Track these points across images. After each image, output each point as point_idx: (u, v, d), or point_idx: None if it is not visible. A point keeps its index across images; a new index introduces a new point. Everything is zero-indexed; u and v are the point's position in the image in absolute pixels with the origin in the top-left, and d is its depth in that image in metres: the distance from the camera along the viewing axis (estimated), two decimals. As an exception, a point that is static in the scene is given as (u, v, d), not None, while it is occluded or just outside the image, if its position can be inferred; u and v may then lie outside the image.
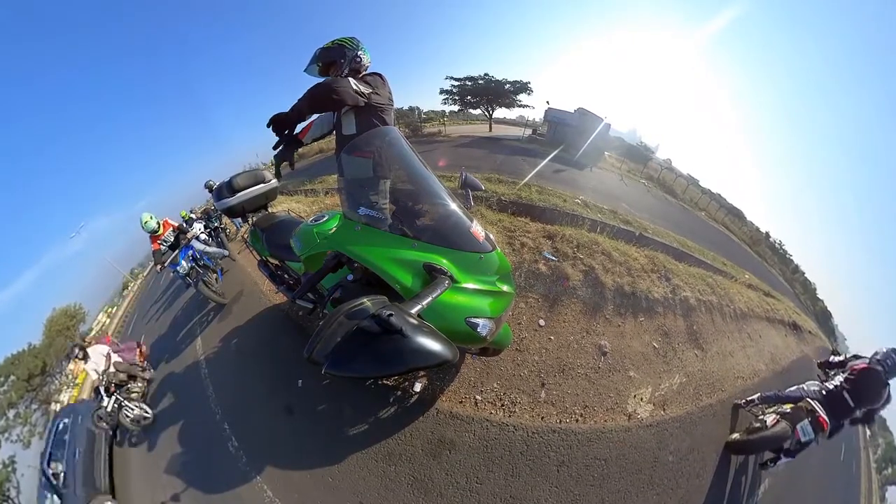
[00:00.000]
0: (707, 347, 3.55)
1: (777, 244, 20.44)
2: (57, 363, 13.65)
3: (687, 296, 3.85)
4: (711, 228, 13.43)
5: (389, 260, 1.36)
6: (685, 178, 16.56)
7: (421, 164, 1.53)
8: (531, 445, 2.17)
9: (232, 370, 3.48)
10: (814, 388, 2.66)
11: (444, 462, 2.09)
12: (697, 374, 3.18)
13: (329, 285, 1.54)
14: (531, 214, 5.03)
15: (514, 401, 2.39)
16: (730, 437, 2.72)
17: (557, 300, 3.22)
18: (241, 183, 2.62)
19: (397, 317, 0.70)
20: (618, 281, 3.50)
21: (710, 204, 16.16)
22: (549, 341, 2.84)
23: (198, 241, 4.83)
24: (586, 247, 3.79)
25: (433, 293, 1.07)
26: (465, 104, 20.49)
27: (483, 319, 1.36)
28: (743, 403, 3.05)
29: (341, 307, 0.77)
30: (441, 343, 0.71)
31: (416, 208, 1.52)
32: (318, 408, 2.57)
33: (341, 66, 1.84)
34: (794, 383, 2.84)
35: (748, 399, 3.04)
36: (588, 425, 2.34)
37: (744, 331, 4.39)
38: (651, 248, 4.60)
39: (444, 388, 2.45)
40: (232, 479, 2.42)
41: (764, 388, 3.38)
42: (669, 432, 2.51)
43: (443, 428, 2.24)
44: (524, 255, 3.63)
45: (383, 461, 2.14)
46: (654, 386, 2.79)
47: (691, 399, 2.89)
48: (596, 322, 3.12)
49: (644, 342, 3.15)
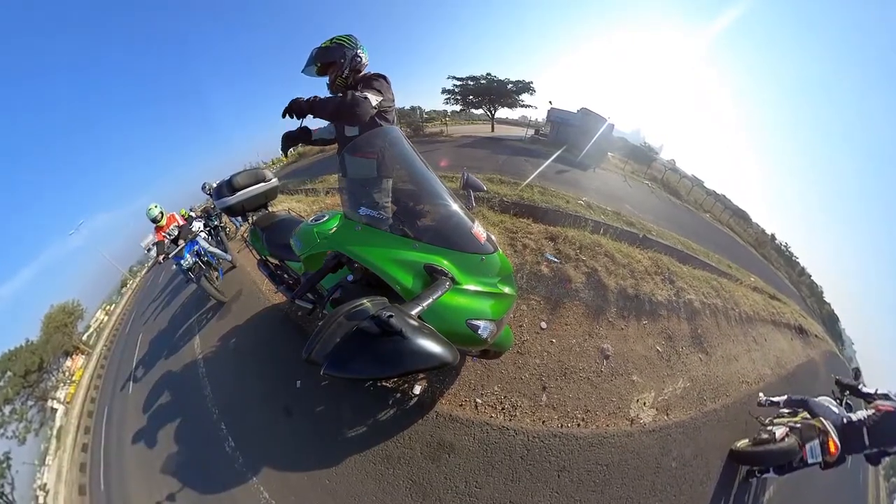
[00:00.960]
0: (711, 351, 3.53)
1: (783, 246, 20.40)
2: (54, 360, 13.71)
3: (691, 299, 3.83)
4: (716, 230, 13.38)
5: (390, 260, 1.35)
6: (689, 179, 16.53)
7: (422, 164, 1.53)
8: (532, 450, 2.15)
9: (230, 369, 3.48)
10: (834, 410, 2.61)
11: (443, 466, 2.08)
12: (702, 378, 3.15)
13: (329, 285, 1.54)
14: (533, 216, 5.01)
15: (515, 404, 2.38)
16: (735, 445, 2.69)
17: (559, 302, 3.20)
18: (241, 182, 2.63)
19: (397, 318, 0.70)
20: (621, 283, 3.48)
21: (715, 205, 16.11)
22: (551, 344, 2.83)
23: (202, 239, 4.91)
24: (589, 248, 3.78)
25: (434, 294, 1.07)
26: (467, 104, 20.53)
27: (484, 321, 1.35)
28: (765, 402, 3.03)
29: (341, 307, 0.77)
30: (441, 345, 0.71)
31: (417, 209, 1.51)
32: (317, 409, 2.56)
33: (341, 66, 1.82)
34: (801, 388, 2.81)
35: (772, 399, 3.02)
36: (590, 430, 2.33)
37: (749, 334, 4.36)
38: (655, 250, 4.58)
39: (444, 390, 2.44)
40: (228, 479, 2.41)
41: (766, 393, 3.35)
42: (673, 438, 2.49)
43: (442, 431, 2.23)
44: (526, 256, 3.62)
45: (382, 464, 2.13)
46: (657, 390, 2.77)
47: (695, 404, 2.87)
48: (598, 325, 3.11)
49: (647, 346, 3.13)
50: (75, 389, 8.46)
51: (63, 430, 7.35)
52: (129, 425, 3.90)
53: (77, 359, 13.20)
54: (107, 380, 6.49)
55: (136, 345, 6.35)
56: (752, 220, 18.64)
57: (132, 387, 4.87)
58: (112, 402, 5.20)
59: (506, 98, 19.74)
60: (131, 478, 3.25)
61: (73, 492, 4.44)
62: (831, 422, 2.47)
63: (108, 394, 5.66)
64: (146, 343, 5.95)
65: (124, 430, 3.99)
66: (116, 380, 5.70)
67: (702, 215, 14.09)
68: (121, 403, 4.82)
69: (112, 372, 6.55)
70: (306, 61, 1.88)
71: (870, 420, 2.52)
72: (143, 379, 4.64)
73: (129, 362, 5.85)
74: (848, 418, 2.56)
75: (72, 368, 12.63)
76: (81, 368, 10.53)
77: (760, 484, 2.70)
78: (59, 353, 13.98)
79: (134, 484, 3.15)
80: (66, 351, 14.11)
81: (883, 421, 2.50)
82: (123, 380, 5.32)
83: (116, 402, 5.05)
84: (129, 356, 6.16)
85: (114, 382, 5.75)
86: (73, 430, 6.20)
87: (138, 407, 3.97)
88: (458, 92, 20.05)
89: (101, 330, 13.38)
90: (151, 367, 4.70)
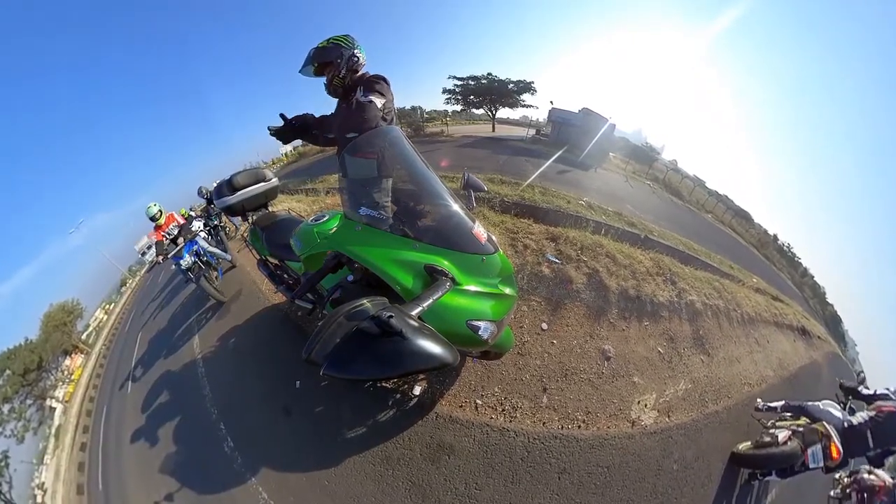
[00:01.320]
0: (713, 353, 3.52)
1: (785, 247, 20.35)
2: (53, 358, 13.73)
3: (693, 300, 3.82)
4: (718, 231, 13.36)
5: (390, 261, 1.35)
6: (691, 180, 16.53)
7: (423, 164, 1.53)
8: (532, 452, 2.15)
9: (229, 370, 3.48)
10: (836, 414, 2.60)
11: (442, 467, 2.08)
12: (703, 380, 3.15)
13: (329, 286, 1.54)
14: (534, 216, 5.02)
15: (516, 406, 2.38)
16: (737, 448, 2.69)
17: (560, 303, 3.20)
18: (242, 181, 2.64)
19: (397, 318, 0.70)
20: (622, 284, 3.48)
21: (717, 206, 16.09)
22: (552, 345, 2.82)
23: (202, 239, 4.92)
24: (590, 249, 3.77)
25: (434, 295, 1.07)
26: (467, 104, 20.53)
27: (485, 322, 1.35)
28: (763, 407, 3.02)
29: (341, 308, 0.77)
30: (441, 346, 0.71)
31: (417, 209, 1.51)
32: (316, 409, 2.56)
33: (338, 66, 1.82)
34: (803, 390, 2.80)
35: (770, 405, 3.01)
36: (591, 432, 2.32)
37: (751, 336, 4.35)
38: (656, 251, 4.57)
39: (444, 391, 2.44)
40: (227, 480, 2.42)
41: (768, 395, 3.35)
42: (674, 440, 2.49)
43: (442, 432, 2.23)
44: (527, 257, 3.61)
45: (381, 465, 2.13)
46: (658, 392, 2.77)
47: (697, 406, 2.86)
48: (600, 326, 3.10)
49: (649, 347, 3.13)
50: (74, 388, 8.48)
51: (62, 428, 7.35)
52: (128, 425, 3.90)
53: (76, 358, 13.23)
54: (106, 379, 6.50)
55: (136, 344, 6.36)
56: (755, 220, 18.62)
57: (131, 386, 4.88)
58: (111, 402, 5.20)
59: (507, 98, 19.74)
60: (130, 477, 3.25)
61: (71, 491, 4.44)
62: (833, 426, 2.47)
63: (107, 393, 5.67)
64: (145, 342, 5.96)
65: (123, 429, 4.00)
66: (115, 379, 5.71)
67: (704, 216, 14.07)
68: (120, 403, 4.82)
69: (111, 371, 6.56)
70: (304, 61, 1.88)
71: (872, 421, 2.52)
72: (143, 378, 4.65)
73: (129, 361, 5.86)
74: (849, 422, 2.55)
75: (71, 367, 12.66)
76: (80, 367, 10.55)
77: (763, 486, 2.70)
78: (59, 352, 14.00)
79: (132, 483, 3.15)
80: (66, 350, 14.14)
81: (886, 421, 2.50)
82: (122, 379, 5.33)
83: (115, 401, 5.06)
84: (129, 355, 6.17)
85: (113, 382, 5.75)
86: (72, 429, 6.20)
87: (137, 406, 3.97)
88: (458, 92, 20.07)
89: (100, 329, 13.39)
90: (150, 367, 4.71)
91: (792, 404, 2.90)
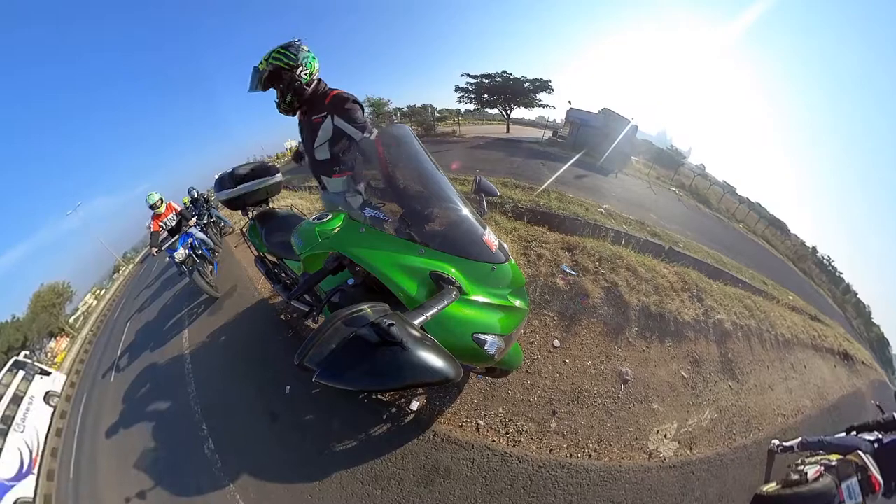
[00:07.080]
0: (743, 379, 3.40)
1: (825, 260, 19.72)
2: (38, 339, 14.12)
3: (721, 319, 3.71)
4: (750, 242, 13.08)
5: (394, 265, 1.34)
6: (720, 186, 16.16)
7: (432, 165, 1.52)
8: (536, 480, 2.09)
9: (217, 368, 3.51)
10: (868, 438, 2.48)
11: (436, 491, 2.04)
12: (731, 409, 3.03)
13: (328, 288, 1.54)
14: (549, 223, 4.97)
15: (521, 429, 2.32)
16: (762, 489, 2.57)
17: (575, 319, 3.14)
18: (244, 174, 2.67)
19: (398, 327, 0.69)
20: (643, 300, 3.40)
21: (749, 214, 15.75)
22: (564, 365, 2.76)
23: (197, 230, 5.04)
24: (609, 261, 3.71)
25: (439, 304, 1.05)
26: (481, 103, 20.60)
27: (492, 336, 1.32)
28: (779, 448, 2.87)
29: (339, 312, 0.77)
30: (444, 359, 0.70)
31: (425, 212, 1.49)
32: (305, 418, 2.55)
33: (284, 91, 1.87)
34: (845, 422, 2.66)
35: (785, 444, 2.87)
36: (602, 462, 2.25)
37: (786, 360, 4.21)
38: (682, 264, 4.47)
39: (444, 408, 2.40)
40: (203, 483, 2.43)
41: (805, 431, 3.20)
42: (696, 476, 2.39)
43: (438, 453, 2.18)
44: (540, 267, 3.57)
45: (369, 483, 2.10)
46: (680, 421, 2.68)
47: (723, 438, 2.76)
48: (617, 346, 3.03)
49: (671, 370, 3.04)
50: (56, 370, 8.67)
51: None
52: (107, 415, 3.96)
53: (61, 341, 13.58)
54: (89, 366, 6.65)
55: (123, 333, 6.49)
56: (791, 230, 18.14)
57: (114, 376, 4.97)
58: (92, 390, 5.31)
59: (522, 97, 19.73)
60: (103, 469, 3.29)
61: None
62: (868, 453, 2.33)
63: (89, 380, 5.79)
64: (133, 332, 6.08)
65: (101, 419, 4.05)
66: (99, 367, 5.83)
67: (734, 225, 13.78)
68: (101, 392, 4.92)
69: (95, 358, 6.71)
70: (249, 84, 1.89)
71: None
72: (127, 369, 4.73)
73: (114, 350, 5.98)
74: (880, 441, 2.41)
75: (55, 350, 12.99)
76: (64, 351, 10.81)
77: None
78: (44, 334, 14.40)
79: (105, 476, 3.19)
80: (52, 332, 14.53)
81: None
82: (106, 368, 5.44)
83: (96, 389, 5.15)
84: (115, 344, 6.30)
85: (96, 369, 5.88)
86: (49, 413, 6.32)
87: (118, 397, 4.04)
88: (472, 90, 20.16)
89: (88, 314, 13.73)
90: (136, 358, 4.79)
91: (809, 440, 2.75)
